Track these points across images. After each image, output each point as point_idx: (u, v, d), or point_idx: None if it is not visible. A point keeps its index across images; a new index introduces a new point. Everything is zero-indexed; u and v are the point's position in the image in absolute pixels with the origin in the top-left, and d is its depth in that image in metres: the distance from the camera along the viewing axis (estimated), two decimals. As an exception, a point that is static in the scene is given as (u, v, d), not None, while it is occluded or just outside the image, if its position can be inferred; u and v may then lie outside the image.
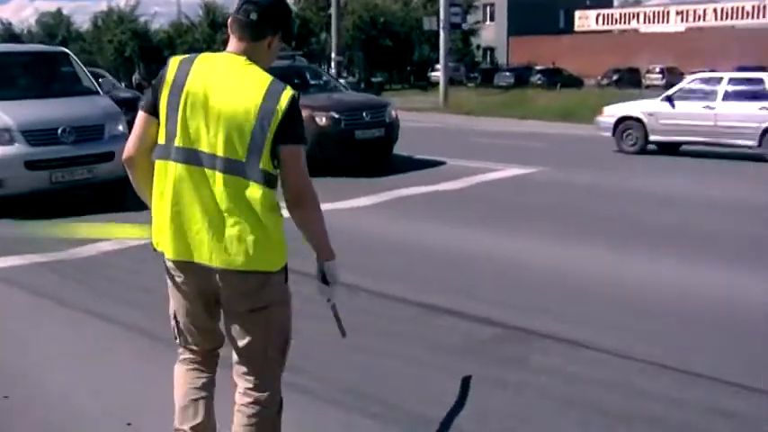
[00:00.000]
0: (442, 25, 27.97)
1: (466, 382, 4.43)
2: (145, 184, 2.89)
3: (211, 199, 2.72)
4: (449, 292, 6.18)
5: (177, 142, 2.73)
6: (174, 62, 2.81)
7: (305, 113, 10.62)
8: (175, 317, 3.02)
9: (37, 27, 68.79)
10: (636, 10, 61.36)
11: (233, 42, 2.79)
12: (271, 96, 2.67)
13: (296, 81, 14.00)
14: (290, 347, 3.02)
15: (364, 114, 12.55)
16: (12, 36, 67.76)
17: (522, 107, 24.99)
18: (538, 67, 48.30)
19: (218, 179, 2.70)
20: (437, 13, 29.43)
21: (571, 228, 8.43)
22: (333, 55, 43.38)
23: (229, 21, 2.81)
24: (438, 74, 39.74)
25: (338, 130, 12.27)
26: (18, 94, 10.69)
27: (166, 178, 2.77)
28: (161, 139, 2.78)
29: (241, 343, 2.88)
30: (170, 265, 2.87)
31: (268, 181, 2.72)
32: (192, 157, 2.72)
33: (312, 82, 14.37)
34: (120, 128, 10.59)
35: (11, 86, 10.88)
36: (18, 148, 9.79)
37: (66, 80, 11.52)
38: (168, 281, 2.96)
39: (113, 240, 8.09)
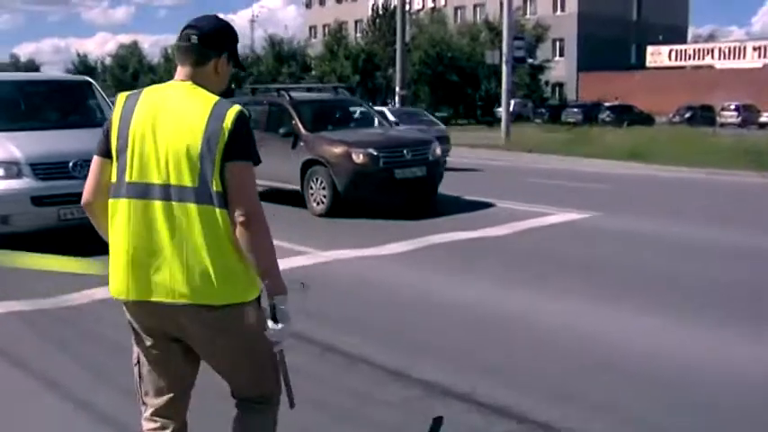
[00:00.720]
0: (504, 59, 27.00)
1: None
2: (107, 227, 2.77)
3: (168, 231, 2.62)
4: (465, 367, 5.20)
5: (128, 178, 2.66)
6: (120, 99, 2.77)
7: (340, 150, 9.76)
8: (138, 361, 2.91)
9: (110, 60, 70.01)
10: (710, 45, 59.41)
11: (179, 70, 2.75)
12: (216, 117, 2.59)
13: (337, 115, 13.23)
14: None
15: (405, 152, 11.63)
16: (86, 68, 69.31)
17: (588, 145, 23.75)
18: (607, 104, 46.85)
19: (173, 209, 2.62)
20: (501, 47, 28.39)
21: (626, 290, 7.27)
22: (397, 89, 43.06)
23: (173, 48, 2.59)
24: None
25: (376, 168, 11.37)
26: (33, 124, 10.09)
27: (119, 216, 2.68)
28: (113, 178, 2.71)
29: (226, 374, 2.87)
30: (129, 309, 2.77)
31: (222, 203, 2.61)
32: (144, 191, 2.64)
33: (355, 116, 13.50)
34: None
35: (26, 117, 10.30)
36: (25, 183, 9.17)
37: (87, 111, 10.92)
38: (130, 327, 2.84)
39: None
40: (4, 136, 9.59)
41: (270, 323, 2.63)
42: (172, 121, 2.63)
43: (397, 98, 43.12)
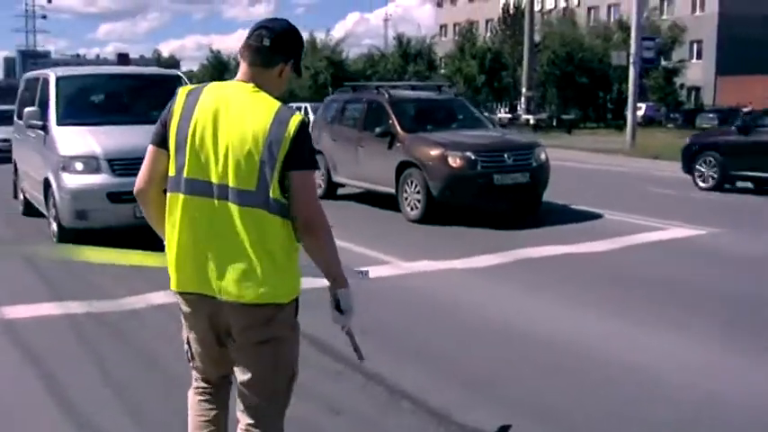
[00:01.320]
0: (632, 60, 25.53)
1: None
2: (157, 217, 2.88)
3: (221, 230, 2.68)
4: (527, 413, 4.42)
5: (186, 174, 2.71)
6: (181, 93, 2.79)
7: (436, 152, 9.93)
8: (188, 342, 2.99)
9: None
10: None
11: (243, 69, 2.78)
12: (279, 123, 2.63)
13: (438, 115, 12.56)
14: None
15: (506, 156, 10.82)
16: (219, 63, 71.00)
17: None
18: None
19: (228, 210, 2.66)
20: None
21: (734, 327, 6.26)
22: (523, 90, 42.02)
23: (240, 47, 2.78)
24: (637, 113, 37.21)
25: (473, 173, 10.63)
26: (118, 119, 9.88)
27: (177, 210, 2.74)
28: (171, 171, 2.76)
29: (245, 377, 2.82)
30: (179, 297, 2.86)
31: (280, 210, 2.66)
32: (201, 189, 2.69)
33: (459, 117, 12.77)
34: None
35: (111, 111, 10.13)
36: (102, 178, 8.97)
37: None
38: (181, 309, 2.92)
39: (165, 293, 6.90)
40: (86, 130, 9.44)
41: (334, 313, 2.83)
42: (234, 123, 2.66)
43: (522, 99, 42.31)
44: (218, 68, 68.51)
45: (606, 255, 8.86)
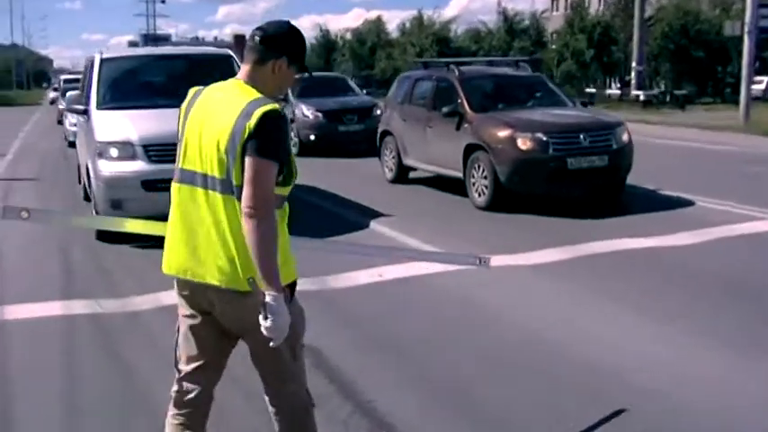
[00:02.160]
0: (746, 29, 23.59)
1: None
2: None
3: (203, 217, 2.83)
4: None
5: (180, 164, 2.94)
6: (190, 93, 3.02)
7: (504, 133, 10.05)
8: (177, 342, 3.07)
9: (350, 34, 70.99)
10: None
11: (242, 68, 2.94)
12: (245, 115, 2.72)
13: (512, 93, 11.60)
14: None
15: (582, 138, 9.78)
16: (327, 42, 70.90)
17: None
18: None
19: (210, 198, 2.81)
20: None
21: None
22: (633, 64, 40.02)
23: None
24: (758, 87, 34.78)
25: (544, 156, 9.67)
26: (162, 102, 9.33)
27: (174, 198, 2.96)
28: (176, 164, 2.98)
29: (251, 355, 2.98)
30: (175, 282, 3.01)
31: None
32: (190, 178, 2.87)
33: (536, 94, 11.75)
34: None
35: (155, 94, 9.61)
36: (136, 166, 8.47)
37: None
38: (177, 301, 3.05)
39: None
40: (126, 114, 9.00)
41: (260, 319, 2.64)
42: (214, 116, 2.82)
43: (633, 74, 40.29)
44: (326, 47, 68.39)
45: (687, 251, 7.76)
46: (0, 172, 15.83)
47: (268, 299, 2.64)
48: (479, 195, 10.22)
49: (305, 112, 17.47)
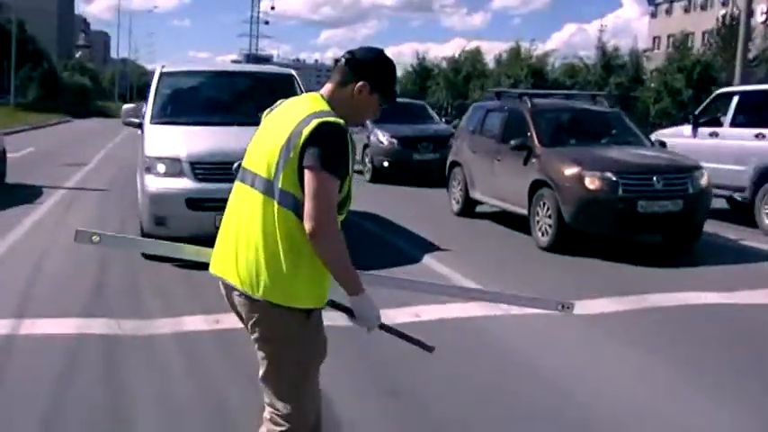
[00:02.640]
0: None
1: None
2: None
3: (242, 215, 2.82)
4: None
5: (243, 163, 2.93)
6: (276, 104, 3.04)
7: (571, 170, 9.38)
8: None
9: (446, 63, 70.74)
10: None
11: (325, 86, 2.94)
12: (304, 122, 2.71)
13: (586, 128, 11.03)
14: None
15: (655, 180, 9.12)
16: (423, 69, 70.76)
17: None
18: None
19: (253, 197, 2.79)
20: None
21: None
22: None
23: None
24: None
25: (613, 197, 9.04)
26: (218, 119, 9.19)
27: (231, 196, 2.96)
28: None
29: (260, 370, 2.92)
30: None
31: (292, 204, 2.70)
32: (243, 176, 2.88)
33: (612, 131, 11.13)
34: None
35: (212, 110, 9.45)
36: (182, 183, 8.25)
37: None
38: None
39: (205, 317, 6.11)
40: (178, 130, 8.83)
41: (348, 318, 2.86)
42: (279, 121, 2.83)
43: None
44: (422, 75, 68.29)
45: (759, 311, 7.04)
46: (76, 180, 15.97)
47: (352, 303, 2.80)
48: (543, 235, 9.66)
49: (380, 137, 17.18)
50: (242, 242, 2.79)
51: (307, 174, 2.65)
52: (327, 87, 2.91)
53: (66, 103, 61.94)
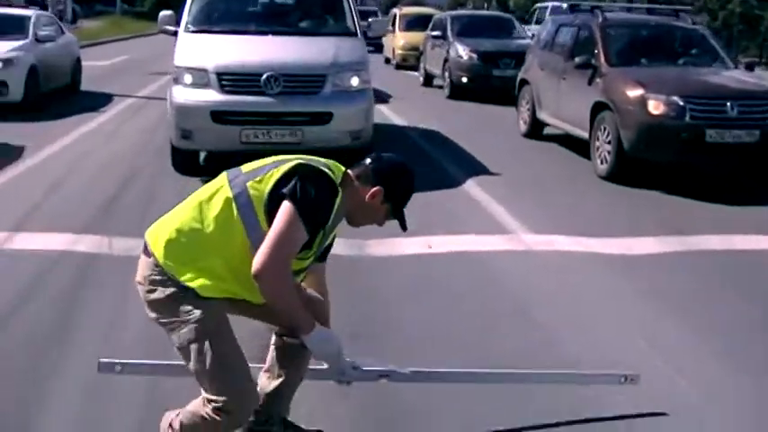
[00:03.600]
0: None
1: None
2: None
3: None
4: None
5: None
6: None
7: (633, 92, 8.48)
8: None
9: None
10: None
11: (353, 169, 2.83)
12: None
13: (661, 46, 10.07)
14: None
15: (729, 106, 8.17)
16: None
17: None
18: None
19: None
20: None
21: None
22: None
23: None
24: None
25: (678, 123, 8.16)
26: (252, 28, 8.76)
27: None
28: None
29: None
30: None
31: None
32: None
33: (691, 50, 10.11)
34: (354, 83, 8.09)
35: (248, 20, 9.06)
36: (208, 95, 7.89)
37: (330, 18, 9.36)
38: None
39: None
40: (208, 39, 8.42)
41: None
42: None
43: None
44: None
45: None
46: (151, 89, 15.86)
47: (306, 342, 2.70)
48: (602, 163, 8.91)
49: (459, 51, 16.39)
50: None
51: (281, 208, 2.55)
52: (352, 172, 2.80)
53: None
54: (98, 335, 4.21)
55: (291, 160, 2.68)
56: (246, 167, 2.74)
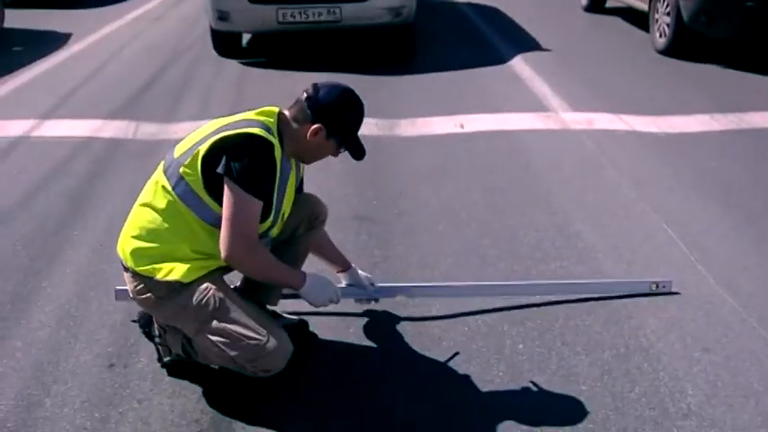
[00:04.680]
0: None
1: None
2: None
3: None
4: None
5: None
6: None
7: None
8: None
9: None
10: None
11: (289, 109, 2.67)
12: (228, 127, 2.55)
13: None
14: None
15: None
16: None
17: None
18: None
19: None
20: None
21: None
22: None
23: None
24: None
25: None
26: None
27: None
28: None
29: None
30: None
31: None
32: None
33: None
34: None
35: None
36: (242, -26, 7.63)
37: None
38: None
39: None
40: None
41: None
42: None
43: None
44: None
45: None
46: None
47: (302, 295, 2.67)
48: (660, 36, 8.40)
49: None
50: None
51: (225, 190, 2.43)
52: (289, 112, 2.63)
53: None
54: (102, 225, 4.17)
55: (211, 135, 2.50)
56: (178, 150, 2.57)
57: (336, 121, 2.61)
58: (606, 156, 5.22)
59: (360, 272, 3.17)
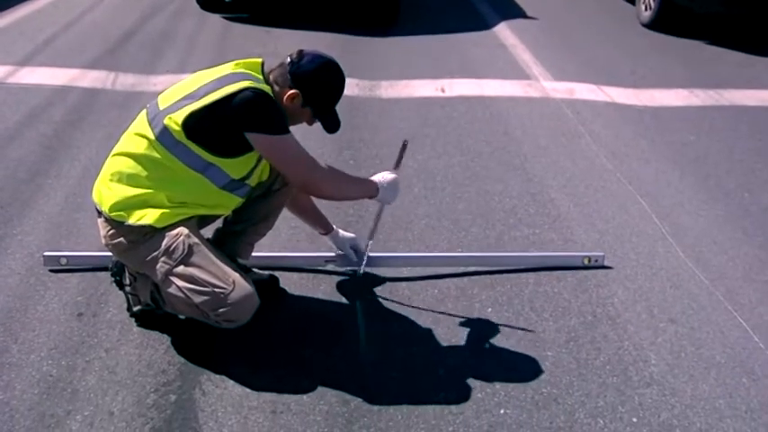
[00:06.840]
0: None
1: None
2: None
3: None
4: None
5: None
6: None
7: None
8: None
9: None
10: None
11: (276, 68, 2.65)
12: (230, 78, 2.54)
13: None
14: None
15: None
16: None
17: None
18: None
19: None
20: None
21: None
22: None
23: None
24: None
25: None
26: None
27: None
28: None
29: None
30: None
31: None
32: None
33: None
34: None
35: None
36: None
37: None
38: None
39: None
40: None
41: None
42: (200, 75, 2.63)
43: None
44: None
45: None
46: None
47: (378, 199, 2.88)
48: (645, 9, 8.40)
49: None
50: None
51: (260, 142, 2.49)
52: (277, 70, 2.63)
53: None
54: (76, 174, 4.14)
55: (204, 93, 2.47)
56: (163, 101, 2.56)
57: (314, 91, 2.61)
58: (585, 126, 5.23)
59: (342, 233, 3.19)
